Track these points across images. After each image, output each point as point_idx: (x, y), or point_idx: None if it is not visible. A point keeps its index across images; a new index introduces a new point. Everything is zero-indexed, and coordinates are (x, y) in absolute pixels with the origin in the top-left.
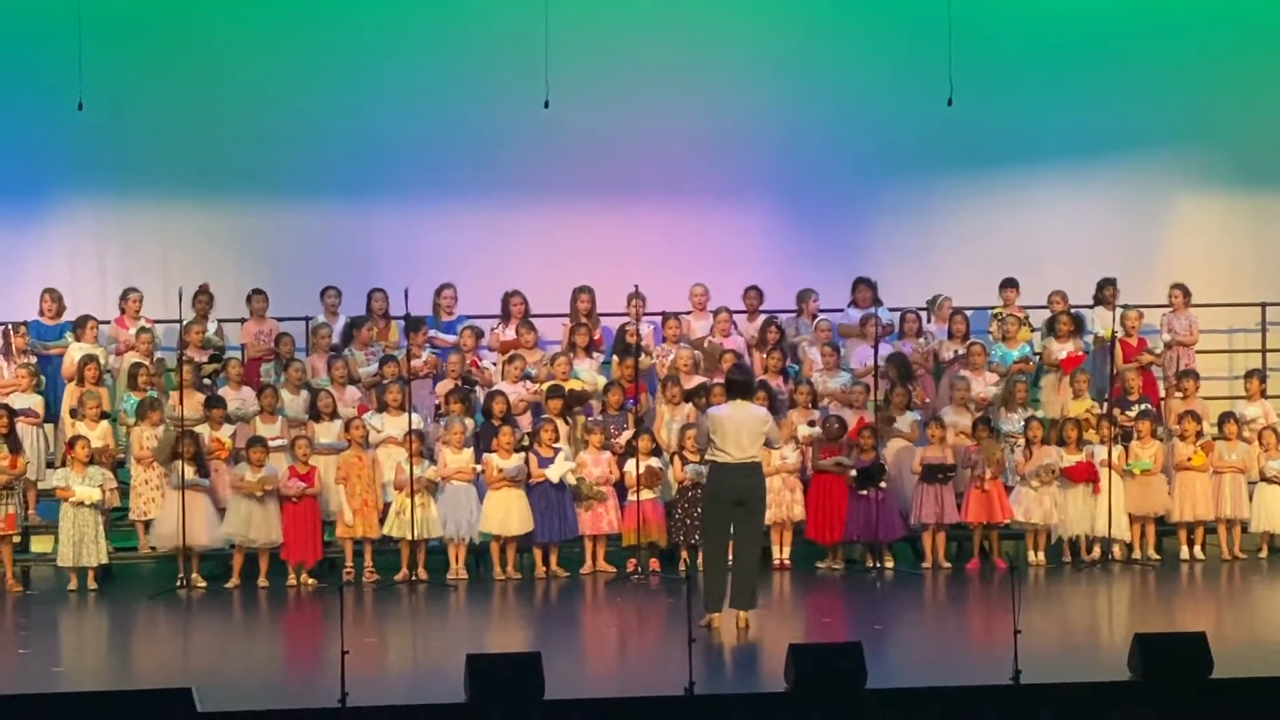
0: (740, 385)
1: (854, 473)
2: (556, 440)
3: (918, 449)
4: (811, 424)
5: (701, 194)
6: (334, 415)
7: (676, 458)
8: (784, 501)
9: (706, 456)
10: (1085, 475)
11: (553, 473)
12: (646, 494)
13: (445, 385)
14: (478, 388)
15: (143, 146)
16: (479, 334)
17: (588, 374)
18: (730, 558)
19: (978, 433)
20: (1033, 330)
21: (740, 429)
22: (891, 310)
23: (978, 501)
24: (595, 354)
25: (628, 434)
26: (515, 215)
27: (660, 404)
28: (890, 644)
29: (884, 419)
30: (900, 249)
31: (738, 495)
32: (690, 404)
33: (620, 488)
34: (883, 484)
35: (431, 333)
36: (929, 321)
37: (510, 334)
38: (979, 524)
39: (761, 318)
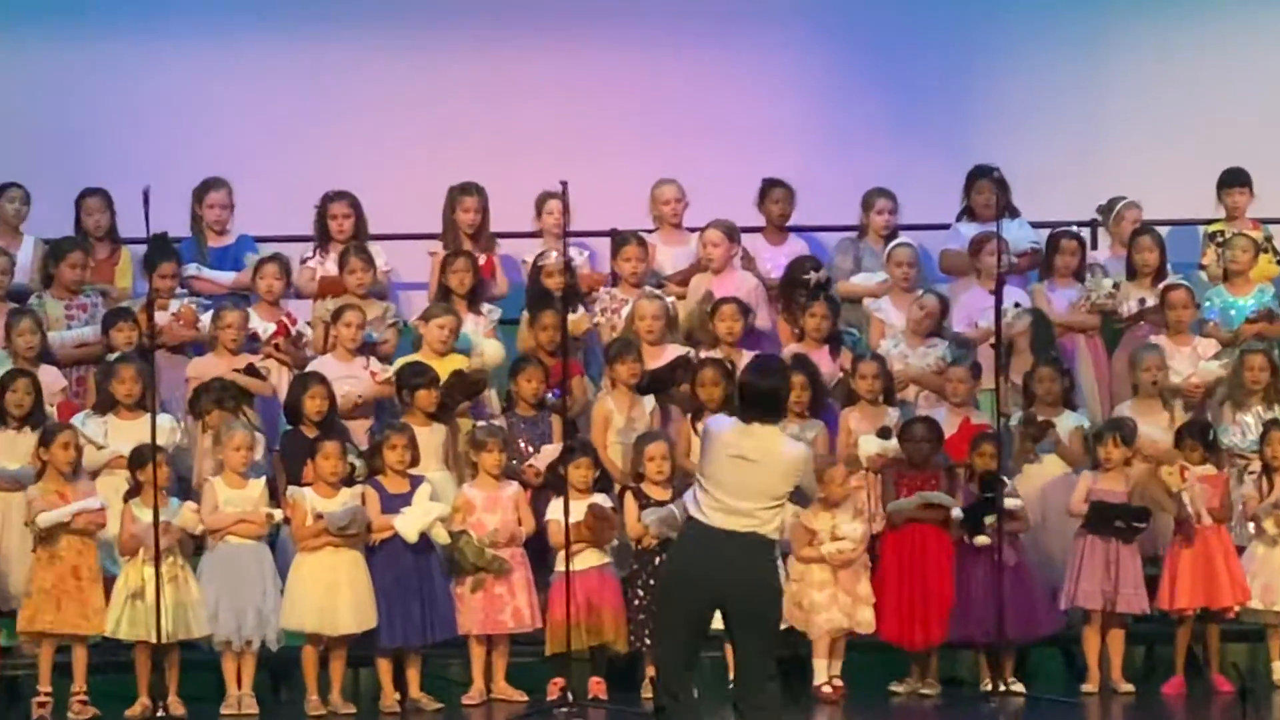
0: (762, 398)
1: (959, 512)
2: (414, 463)
3: (1081, 476)
4: (884, 434)
5: (682, 19)
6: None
7: (630, 494)
8: (838, 605)
9: (688, 501)
10: None
11: (407, 524)
12: (590, 559)
13: (207, 365)
14: (269, 372)
15: None
16: (286, 268)
17: (486, 342)
18: (732, 678)
19: (1184, 448)
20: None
21: (750, 471)
22: (1036, 227)
23: (1186, 573)
24: (488, 308)
25: (551, 450)
26: (342, 52)
27: (605, 395)
28: None
29: (1028, 427)
30: (1038, 121)
31: (712, 588)
32: (654, 395)
33: (538, 548)
34: (1016, 519)
35: (191, 268)
36: (1094, 249)
37: (332, 267)
38: (1188, 613)
39: (792, 242)
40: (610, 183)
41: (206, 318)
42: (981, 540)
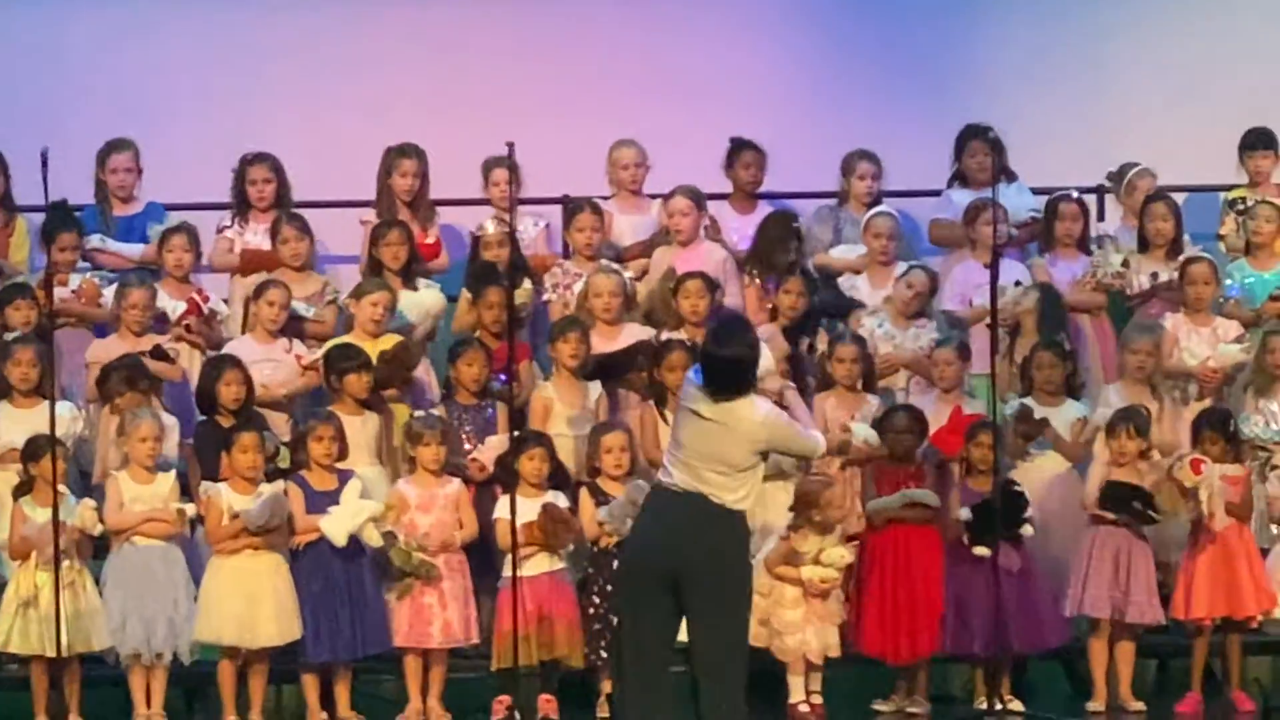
0: (726, 368)
1: (966, 512)
2: (342, 456)
3: (1093, 467)
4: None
5: None
6: None
7: (585, 491)
8: (813, 626)
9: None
10: None
11: (335, 525)
12: (541, 563)
13: (109, 347)
14: (178, 354)
15: None
16: (195, 239)
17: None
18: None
19: (1203, 440)
20: None
21: (710, 433)
22: (1036, 193)
23: (1204, 579)
24: (424, 283)
25: (497, 442)
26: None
27: (554, 381)
28: None
29: (1020, 424)
30: (1038, 75)
31: (664, 557)
32: (602, 382)
33: (481, 550)
34: (1026, 527)
35: (94, 239)
36: (1101, 220)
37: (256, 238)
38: (1206, 623)
39: (762, 210)
40: (563, 144)
41: (110, 293)
42: (981, 551)
